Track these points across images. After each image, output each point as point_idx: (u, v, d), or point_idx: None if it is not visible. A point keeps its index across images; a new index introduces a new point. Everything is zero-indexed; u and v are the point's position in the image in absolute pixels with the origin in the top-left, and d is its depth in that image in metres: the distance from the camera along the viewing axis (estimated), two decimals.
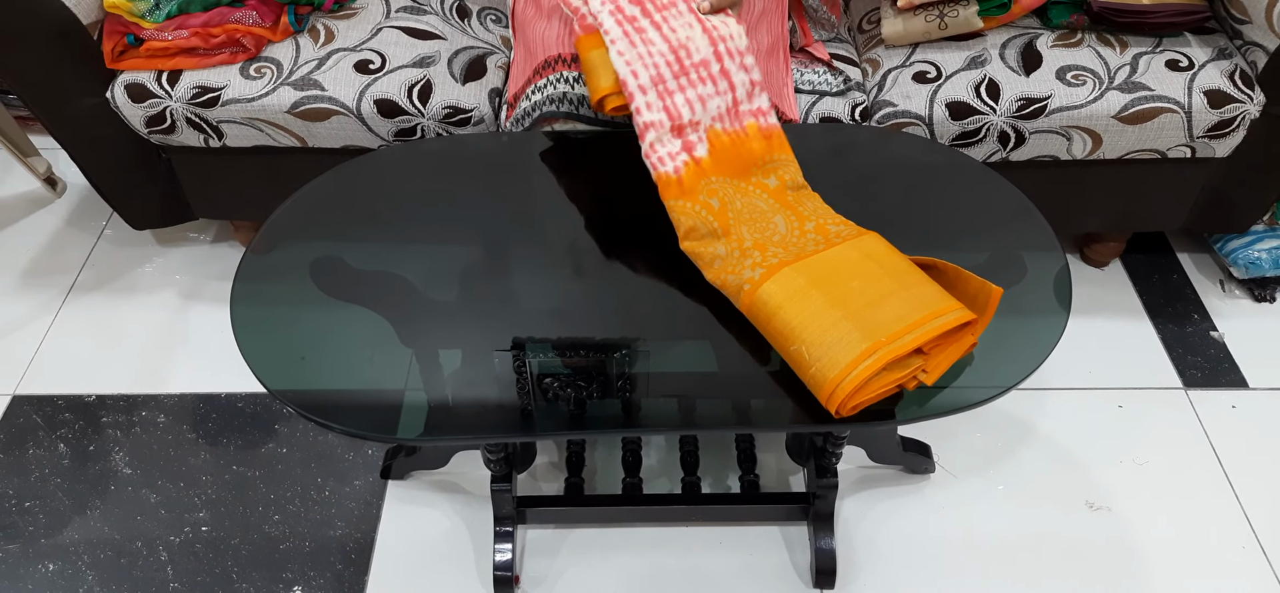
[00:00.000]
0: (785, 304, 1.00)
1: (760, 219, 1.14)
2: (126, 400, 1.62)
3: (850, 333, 0.96)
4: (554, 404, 1.02)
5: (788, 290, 1.01)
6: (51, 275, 1.85)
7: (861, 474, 1.50)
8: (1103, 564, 1.39)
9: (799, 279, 1.02)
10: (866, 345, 0.95)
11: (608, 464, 1.51)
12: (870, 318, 0.98)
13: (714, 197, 1.16)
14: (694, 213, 1.13)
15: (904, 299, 1.00)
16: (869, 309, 0.99)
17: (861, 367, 0.94)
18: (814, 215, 1.15)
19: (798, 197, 1.18)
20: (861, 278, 1.03)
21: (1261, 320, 1.75)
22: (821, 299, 1.00)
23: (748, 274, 1.05)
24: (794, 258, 1.06)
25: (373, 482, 1.50)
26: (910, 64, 1.52)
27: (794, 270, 1.03)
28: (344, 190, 1.27)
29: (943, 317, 0.98)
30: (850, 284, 1.02)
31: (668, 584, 1.38)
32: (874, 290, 1.01)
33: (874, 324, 0.97)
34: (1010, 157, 1.51)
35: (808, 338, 0.97)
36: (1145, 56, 1.49)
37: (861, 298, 1.00)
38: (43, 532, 1.44)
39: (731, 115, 1.22)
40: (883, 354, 0.95)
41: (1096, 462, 1.52)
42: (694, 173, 1.17)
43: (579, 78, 1.31)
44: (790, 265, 1.04)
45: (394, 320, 1.08)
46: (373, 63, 1.50)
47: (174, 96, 1.48)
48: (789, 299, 1.00)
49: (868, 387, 0.95)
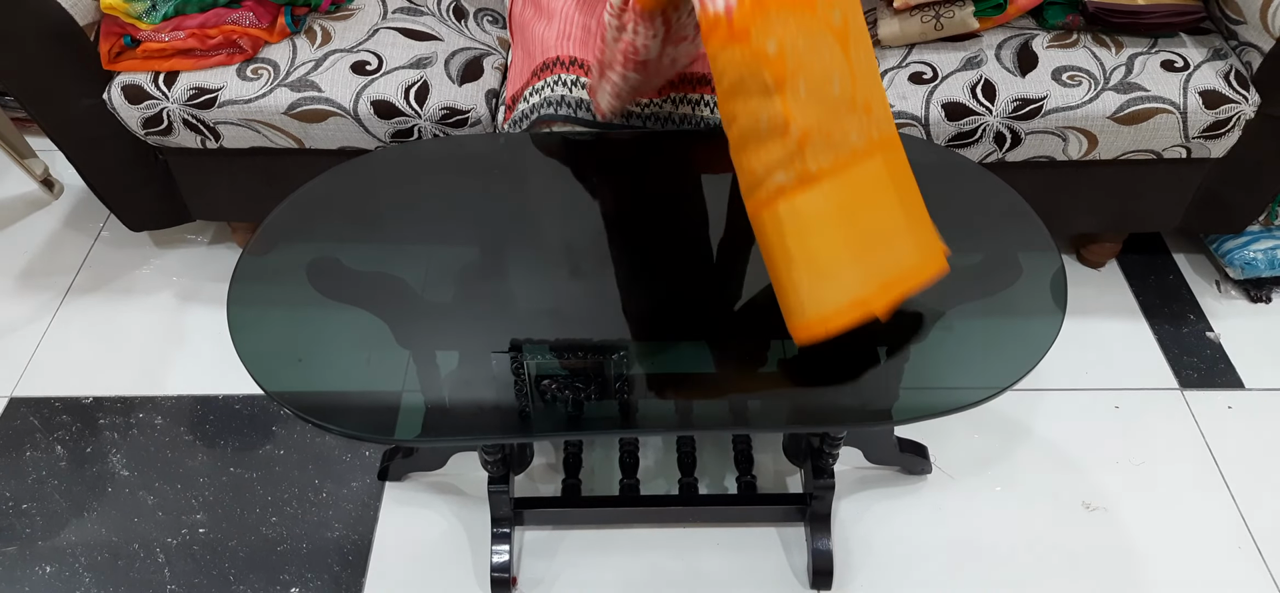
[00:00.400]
0: (799, 232, 0.98)
1: (819, 76, 0.98)
2: (124, 402, 1.62)
3: (850, 278, 0.97)
4: (551, 405, 1.02)
5: (809, 216, 0.98)
6: (49, 277, 1.85)
7: (858, 475, 1.50)
8: (1099, 565, 1.39)
9: (825, 204, 0.99)
10: (856, 296, 0.97)
11: (605, 466, 1.51)
12: (871, 261, 0.99)
13: (772, 39, 0.95)
14: (743, 63, 0.94)
15: (904, 245, 1.01)
16: (873, 250, 0.99)
17: (846, 317, 0.97)
18: (863, 81, 1.02)
19: (857, 43, 1.02)
20: (879, 208, 1.01)
21: (1257, 321, 1.75)
22: (837, 236, 0.99)
23: (776, 177, 0.97)
24: (831, 167, 0.98)
25: (370, 483, 1.50)
26: (906, 65, 1.53)
27: (823, 193, 0.98)
28: (341, 192, 1.27)
29: (923, 276, 1.01)
30: (867, 216, 1.00)
31: (665, 586, 1.38)
32: (886, 225, 1.01)
33: (870, 269, 0.98)
34: (1006, 157, 1.52)
35: (809, 271, 0.97)
36: (1141, 57, 1.49)
37: (872, 235, 1.00)
38: (40, 534, 1.44)
39: None
40: (866, 309, 0.97)
41: (1093, 462, 1.52)
42: (749, 10, 0.94)
43: (578, 80, 1.31)
44: (825, 180, 0.98)
45: (391, 322, 1.08)
46: (370, 64, 1.50)
47: (171, 98, 1.48)
48: (806, 227, 0.98)
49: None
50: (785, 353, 1.08)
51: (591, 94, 1.26)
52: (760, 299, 1.14)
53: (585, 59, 1.32)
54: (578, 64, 1.31)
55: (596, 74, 1.21)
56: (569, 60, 1.32)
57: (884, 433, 1.46)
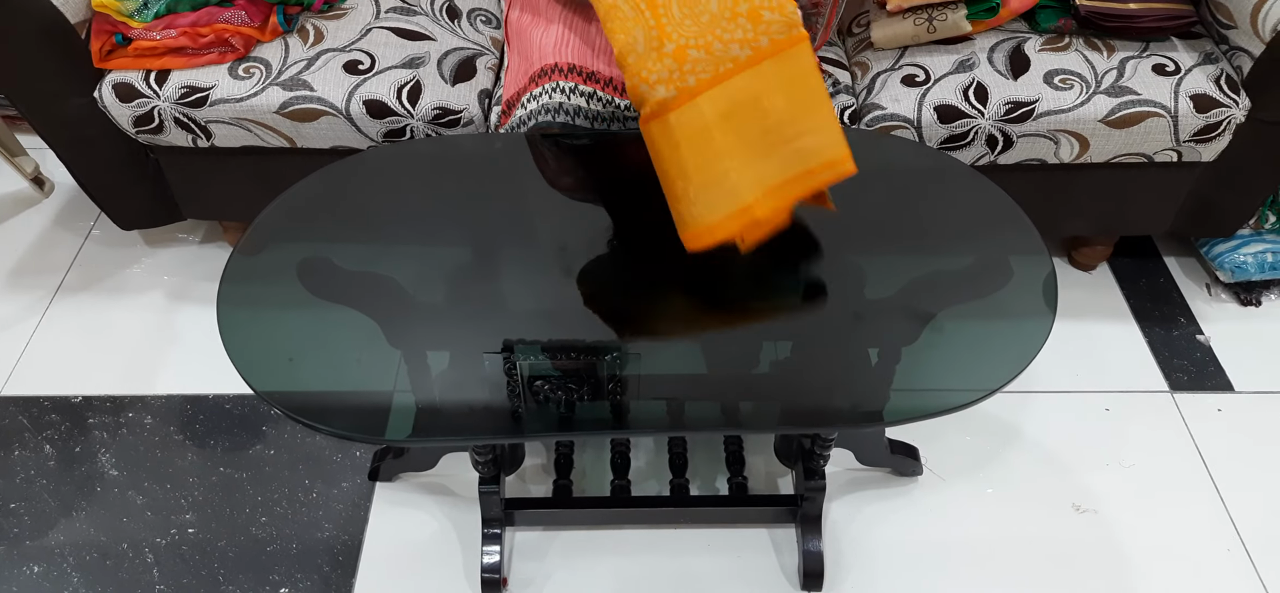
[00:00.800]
0: (684, 142, 1.03)
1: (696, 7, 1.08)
2: (113, 402, 1.61)
3: (737, 184, 1.01)
4: (543, 406, 1.02)
5: (693, 127, 1.03)
6: (39, 276, 1.84)
7: (849, 477, 1.50)
8: (1089, 566, 1.40)
9: (706, 112, 1.04)
10: (743, 204, 1.01)
11: (596, 467, 1.51)
12: (757, 169, 1.02)
13: None
14: None
15: (794, 150, 1.03)
16: (760, 157, 1.02)
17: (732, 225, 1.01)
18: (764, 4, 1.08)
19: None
20: (765, 113, 1.04)
21: (1247, 324, 1.76)
22: (721, 142, 1.03)
23: (659, 92, 1.04)
24: (711, 78, 1.04)
25: (360, 484, 1.50)
26: (899, 67, 1.53)
27: (706, 100, 1.04)
28: (332, 191, 1.27)
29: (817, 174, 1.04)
30: (752, 122, 1.04)
31: (656, 586, 1.38)
32: (774, 133, 1.03)
33: (758, 176, 1.02)
34: (998, 160, 1.52)
35: (695, 181, 1.02)
36: (1132, 61, 1.50)
37: (759, 141, 1.03)
38: (28, 534, 1.44)
39: None
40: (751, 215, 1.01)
41: (1083, 464, 1.52)
42: None
43: (576, 88, 1.31)
44: (703, 93, 1.04)
45: (382, 322, 1.08)
46: (362, 63, 1.50)
47: (162, 96, 1.47)
48: (691, 137, 1.03)
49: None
50: (777, 354, 1.08)
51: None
52: (753, 301, 1.14)
53: (584, 66, 1.32)
54: (576, 71, 1.31)
55: None
56: (568, 67, 1.31)
57: (875, 435, 1.46)
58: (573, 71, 1.31)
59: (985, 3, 1.50)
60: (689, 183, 1.02)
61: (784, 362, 1.07)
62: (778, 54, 1.05)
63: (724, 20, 1.05)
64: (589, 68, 1.31)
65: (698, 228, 1.02)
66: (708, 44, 1.05)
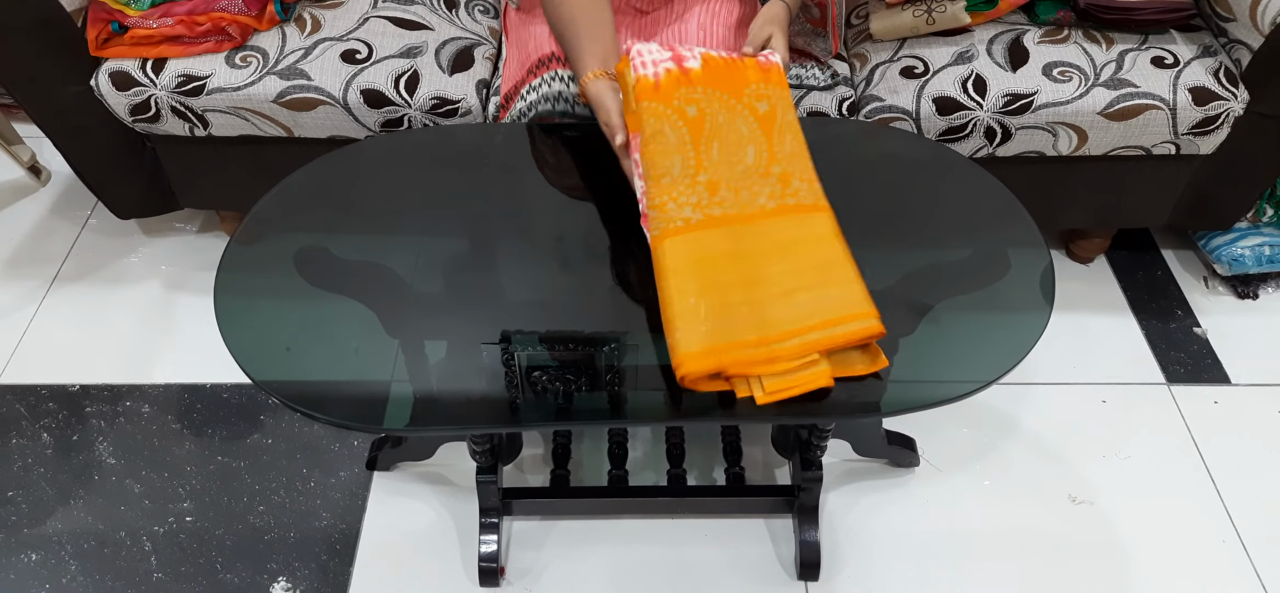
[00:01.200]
0: (697, 264, 1.00)
1: (733, 144, 1.10)
2: (111, 391, 1.61)
3: (746, 319, 0.96)
4: (541, 396, 1.02)
5: (710, 252, 1.01)
6: (35, 265, 1.84)
7: (846, 468, 1.50)
8: (1085, 558, 1.40)
9: (722, 245, 1.02)
10: (754, 337, 0.95)
11: (594, 456, 1.51)
12: (773, 311, 0.97)
13: (692, 104, 1.10)
14: (663, 115, 1.09)
15: (818, 297, 0.98)
16: (776, 302, 0.98)
17: (742, 354, 0.94)
18: (784, 160, 1.11)
19: (782, 131, 1.13)
20: (785, 264, 1.01)
21: (1244, 317, 1.76)
22: (735, 274, 1.00)
23: (684, 212, 1.04)
24: (736, 215, 1.04)
25: (358, 473, 1.50)
26: (898, 59, 1.53)
27: (724, 233, 1.03)
28: (330, 180, 1.26)
29: (844, 325, 0.96)
30: (772, 268, 1.01)
31: (652, 576, 1.38)
32: (792, 281, 1.00)
33: (773, 318, 0.96)
34: (996, 152, 1.52)
35: (707, 301, 0.97)
36: (1131, 53, 1.49)
37: (775, 286, 0.99)
38: (26, 522, 1.44)
39: (731, 53, 1.20)
40: (766, 352, 0.94)
41: (1080, 456, 1.53)
42: (675, 79, 1.11)
43: (574, 77, 1.31)
44: (727, 225, 1.03)
45: (380, 311, 1.08)
46: (360, 53, 1.50)
47: (159, 85, 1.47)
48: (710, 259, 1.01)
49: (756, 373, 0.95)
50: None
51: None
52: None
53: None
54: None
55: None
56: (564, 56, 1.31)
57: (872, 425, 1.46)
58: None
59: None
60: (695, 301, 0.97)
61: None
62: (801, 213, 1.06)
63: (756, 175, 1.08)
64: None
65: (696, 350, 0.94)
66: (737, 188, 1.07)
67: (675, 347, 0.96)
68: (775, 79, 1.18)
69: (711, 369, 0.94)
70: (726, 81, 1.15)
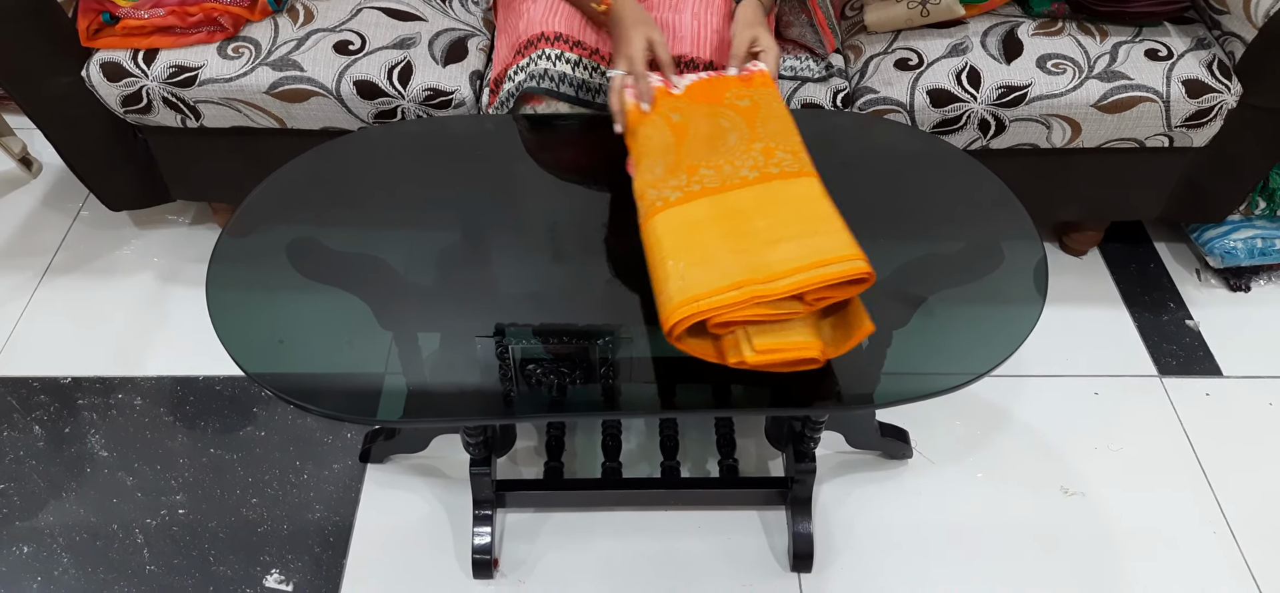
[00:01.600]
0: (679, 228, 1.01)
1: (715, 135, 1.13)
2: (103, 383, 1.61)
3: (730, 266, 0.96)
4: (534, 388, 1.02)
5: (691, 219, 1.02)
6: (27, 257, 1.83)
7: (840, 460, 1.51)
8: (1077, 549, 1.41)
9: (704, 211, 1.03)
10: (737, 279, 0.94)
11: (587, 449, 1.51)
12: (757, 258, 0.97)
13: (676, 113, 1.17)
14: (651, 124, 1.15)
15: (802, 245, 0.97)
16: (760, 250, 0.97)
17: (724, 296, 0.93)
18: (768, 137, 1.11)
19: (766, 118, 1.15)
20: (770, 220, 1.01)
21: (1236, 310, 1.77)
22: (717, 231, 1.00)
23: (664, 193, 1.05)
24: (717, 187, 1.05)
25: (351, 465, 1.50)
26: (892, 51, 1.53)
27: (707, 202, 1.03)
28: (322, 172, 1.26)
29: (830, 266, 0.94)
30: (755, 224, 1.01)
31: (646, 568, 1.38)
32: (776, 233, 0.99)
33: (757, 264, 0.96)
34: (990, 144, 1.52)
35: (685, 259, 0.97)
36: (1125, 46, 1.50)
37: (759, 238, 0.99)
38: (17, 514, 1.43)
39: (718, 74, 1.26)
40: (749, 291, 0.93)
41: (1072, 448, 1.53)
42: (661, 94, 1.19)
43: (561, 55, 1.31)
44: (708, 195, 1.04)
45: (373, 303, 1.07)
46: (352, 44, 1.49)
47: (150, 76, 1.46)
48: (687, 226, 1.01)
49: (741, 328, 0.95)
50: None
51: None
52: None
53: (570, 34, 1.32)
54: (562, 39, 1.31)
55: None
56: (554, 35, 1.31)
57: (865, 417, 1.46)
58: (559, 39, 1.31)
59: None
60: (678, 261, 0.97)
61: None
62: (786, 178, 1.06)
63: (738, 152, 1.10)
64: (576, 36, 1.32)
65: (682, 299, 0.93)
66: (719, 166, 1.08)
67: (660, 307, 0.96)
68: (758, 83, 1.21)
69: (695, 314, 0.92)
70: (708, 95, 1.20)
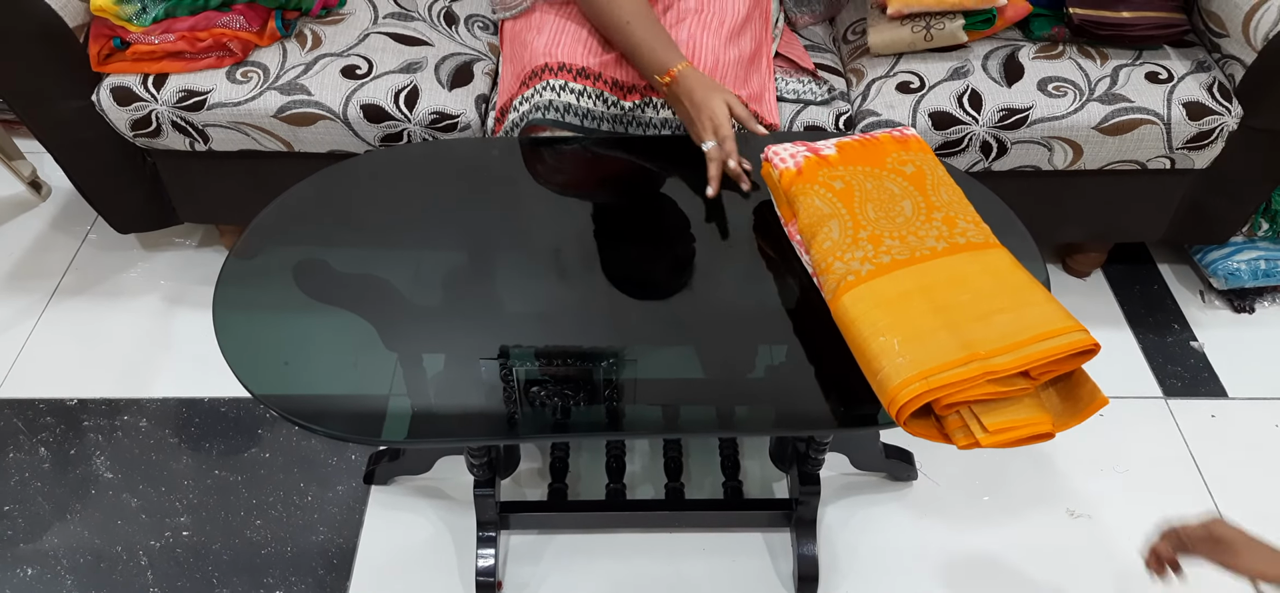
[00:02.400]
0: (884, 303, 0.95)
1: (887, 202, 1.08)
2: (108, 405, 1.61)
3: (946, 341, 0.90)
4: (538, 410, 1.02)
5: (891, 293, 0.96)
6: (35, 279, 1.84)
7: (844, 481, 1.50)
8: (1083, 572, 1.40)
9: (906, 284, 0.97)
10: (962, 354, 0.89)
11: (591, 470, 1.51)
12: (973, 331, 0.91)
13: (837, 179, 1.10)
14: (811, 191, 1.09)
15: (1016, 317, 0.93)
16: (974, 323, 0.92)
17: (953, 373, 0.87)
18: (945, 205, 1.08)
19: (936, 185, 1.11)
20: (974, 292, 0.96)
21: (1240, 331, 1.77)
22: (924, 304, 0.94)
23: (853, 266, 0.99)
24: (907, 259, 1.00)
25: (356, 487, 1.50)
26: (894, 74, 1.54)
27: (904, 274, 0.98)
28: (329, 194, 1.27)
29: (1056, 338, 0.90)
30: (960, 296, 0.96)
31: (650, 590, 1.38)
32: (985, 305, 0.94)
33: (975, 338, 0.90)
34: (992, 166, 1.53)
35: (900, 334, 0.91)
36: (1125, 68, 1.50)
37: (969, 311, 0.94)
38: (22, 536, 1.43)
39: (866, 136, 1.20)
40: (979, 366, 0.88)
41: (1077, 470, 1.53)
42: (815, 164, 1.12)
43: (566, 85, 1.32)
44: (901, 268, 0.99)
45: (378, 325, 1.08)
46: (360, 68, 1.51)
47: (160, 100, 1.47)
48: (891, 300, 0.95)
49: (966, 407, 0.89)
50: (772, 359, 1.09)
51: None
52: (746, 305, 1.14)
53: (574, 64, 1.33)
54: (566, 69, 1.32)
55: None
56: (558, 66, 1.32)
57: (870, 439, 1.46)
58: (563, 69, 1.32)
59: (982, 15, 1.51)
60: (889, 337, 0.92)
61: (780, 365, 1.07)
62: (975, 250, 1.02)
63: (919, 222, 1.05)
64: (579, 65, 1.33)
65: (908, 376, 0.88)
66: (903, 236, 1.03)
67: (882, 387, 0.91)
68: (915, 147, 1.17)
69: (927, 394, 0.88)
70: (866, 157, 1.14)
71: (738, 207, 1.23)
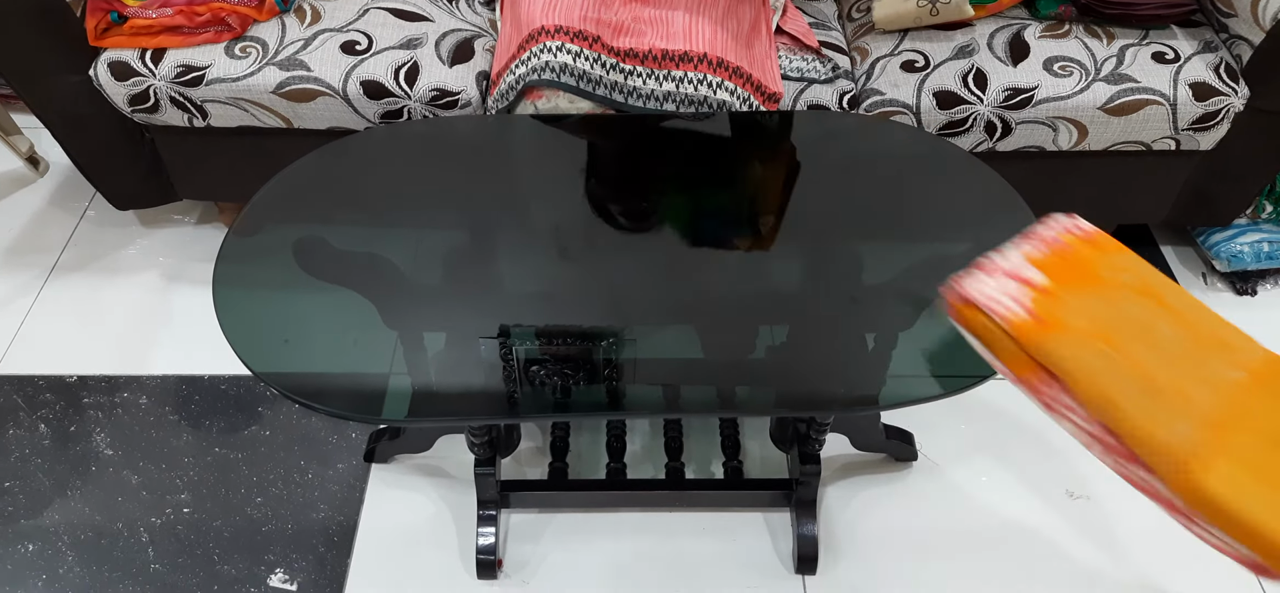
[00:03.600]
0: (1256, 470, 0.84)
1: (1142, 330, 0.92)
2: (108, 381, 1.61)
3: None
4: (539, 389, 1.02)
5: (1251, 455, 0.85)
6: (33, 255, 1.84)
7: (845, 461, 1.50)
8: (1082, 552, 1.40)
9: (1252, 441, 0.86)
10: None
11: (592, 450, 1.51)
12: None
13: (1082, 316, 0.91)
14: (1079, 344, 0.89)
15: None
16: None
17: None
18: (1196, 322, 0.95)
19: (1159, 289, 0.97)
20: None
21: (1243, 313, 1.76)
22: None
23: (1186, 442, 0.87)
24: (1226, 416, 0.88)
25: (356, 465, 1.50)
26: (898, 52, 1.52)
27: (1246, 435, 0.87)
28: (329, 171, 1.26)
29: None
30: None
31: (650, 569, 1.38)
32: None
33: None
34: (997, 147, 1.52)
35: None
36: (1132, 48, 1.49)
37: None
38: (22, 512, 1.44)
39: (1042, 236, 0.99)
40: None
41: (1077, 450, 1.52)
42: (1045, 301, 0.91)
43: (562, 46, 1.31)
44: (1241, 430, 0.87)
45: (378, 303, 1.08)
46: (359, 44, 1.49)
47: (158, 75, 1.46)
48: (1258, 467, 0.84)
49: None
50: (773, 339, 1.08)
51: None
52: (747, 285, 1.14)
53: (570, 26, 1.32)
54: (562, 31, 1.32)
55: None
56: (555, 28, 1.32)
57: (870, 419, 1.46)
58: (560, 31, 1.32)
59: None
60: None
61: (780, 346, 1.07)
62: (1265, 377, 0.92)
63: (1191, 351, 0.92)
64: (577, 28, 1.32)
65: None
66: (1202, 378, 0.90)
67: None
68: (1103, 244, 1.00)
69: None
70: (1075, 274, 0.96)
71: (739, 186, 1.22)
